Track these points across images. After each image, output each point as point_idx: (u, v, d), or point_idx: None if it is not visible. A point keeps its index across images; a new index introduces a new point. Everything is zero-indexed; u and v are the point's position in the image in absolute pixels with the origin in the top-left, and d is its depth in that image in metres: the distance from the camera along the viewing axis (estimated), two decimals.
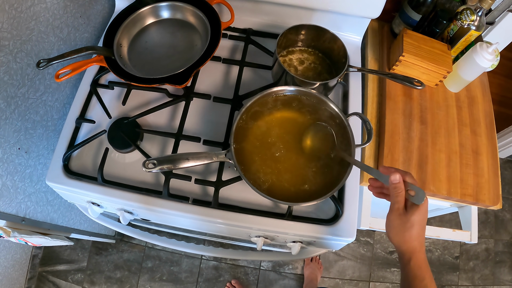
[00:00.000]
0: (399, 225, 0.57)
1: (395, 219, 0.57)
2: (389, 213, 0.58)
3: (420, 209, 0.56)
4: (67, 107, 1.00)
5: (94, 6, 1.00)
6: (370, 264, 1.80)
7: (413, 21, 0.97)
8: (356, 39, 1.02)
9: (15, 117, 0.82)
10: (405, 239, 0.57)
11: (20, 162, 0.88)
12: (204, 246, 1.28)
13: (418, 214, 0.56)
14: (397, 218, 0.57)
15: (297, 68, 0.89)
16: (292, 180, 0.74)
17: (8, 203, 0.86)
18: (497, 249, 1.92)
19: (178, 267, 1.72)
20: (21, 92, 0.82)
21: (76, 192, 0.82)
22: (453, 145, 0.92)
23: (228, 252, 1.10)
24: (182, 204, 0.78)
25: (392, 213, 0.58)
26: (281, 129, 0.77)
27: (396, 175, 0.57)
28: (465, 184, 0.88)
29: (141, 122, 0.86)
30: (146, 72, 0.86)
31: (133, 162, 0.84)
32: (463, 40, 0.93)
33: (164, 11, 0.93)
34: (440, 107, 0.96)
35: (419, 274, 0.56)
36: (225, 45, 0.98)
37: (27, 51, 0.80)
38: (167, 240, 1.04)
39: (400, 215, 0.57)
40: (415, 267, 0.56)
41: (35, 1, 0.79)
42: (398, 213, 0.57)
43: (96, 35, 1.05)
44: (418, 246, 0.57)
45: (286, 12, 0.97)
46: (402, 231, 0.57)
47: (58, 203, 1.10)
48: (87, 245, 1.74)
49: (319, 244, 0.84)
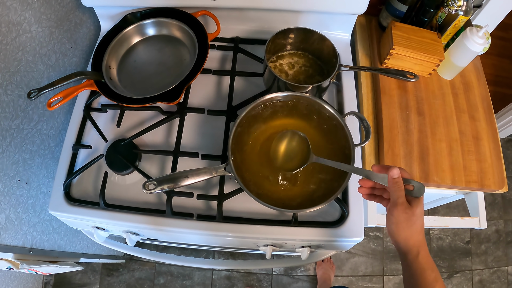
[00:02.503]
0: (405, 220, 0.56)
1: (400, 214, 0.57)
2: (393, 209, 0.58)
3: (421, 202, 0.57)
4: (63, 133, 0.99)
5: (79, 29, 1.00)
6: (382, 258, 1.79)
7: (400, 12, 0.96)
8: (345, 37, 1.01)
9: (12, 149, 0.82)
10: (412, 233, 0.57)
11: (21, 194, 0.87)
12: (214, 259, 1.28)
13: (420, 207, 0.57)
14: (403, 213, 0.56)
15: (288, 73, 0.89)
16: (295, 186, 0.74)
17: (13, 236, 0.86)
18: (508, 229, 1.91)
19: (191, 280, 1.71)
20: (15, 123, 0.82)
21: (79, 218, 0.82)
22: (452, 133, 0.91)
23: (238, 263, 1.10)
24: (186, 221, 0.78)
25: (396, 208, 0.57)
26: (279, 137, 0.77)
27: (394, 170, 0.57)
28: (468, 171, 0.87)
29: (138, 142, 0.86)
30: (138, 91, 0.86)
31: (134, 183, 0.83)
32: (452, 26, 0.93)
33: (149, 29, 0.93)
34: (436, 96, 0.96)
35: (429, 266, 0.56)
36: (214, 56, 0.97)
37: (17, 82, 0.80)
38: (176, 258, 1.04)
39: (406, 209, 0.57)
40: (424, 260, 0.56)
41: (20, 31, 0.78)
42: (403, 208, 0.57)
43: (84, 59, 1.04)
44: (423, 240, 0.58)
45: (272, 17, 0.97)
46: (408, 226, 0.56)
47: (64, 230, 1.10)
48: (97, 268, 1.73)
49: (328, 246, 0.83)
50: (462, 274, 1.79)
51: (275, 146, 0.72)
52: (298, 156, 0.70)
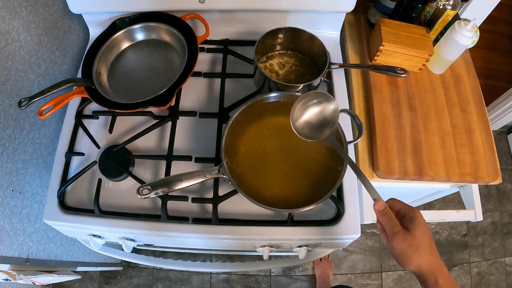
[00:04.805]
0: (408, 246, 0.53)
1: (400, 243, 0.53)
2: (392, 241, 0.55)
3: (417, 222, 0.54)
4: (55, 142, 0.99)
5: (68, 37, 1.00)
6: (380, 254, 1.79)
7: (388, 9, 0.97)
8: (334, 35, 1.01)
9: (4, 159, 0.81)
10: (421, 257, 0.53)
11: (15, 204, 0.87)
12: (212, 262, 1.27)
13: (419, 226, 0.54)
14: (402, 241, 0.53)
15: (278, 73, 0.89)
16: (289, 186, 0.74)
17: (9, 246, 0.85)
18: (504, 220, 1.93)
19: (189, 285, 1.71)
20: (7, 133, 0.81)
21: (75, 227, 0.81)
22: (445, 127, 0.92)
23: (236, 266, 1.10)
24: (182, 225, 0.77)
25: (394, 238, 0.54)
26: (271, 136, 0.77)
27: (378, 203, 0.56)
28: (462, 164, 0.88)
29: (131, 148, 0.86)
30: (129, 97, 0.86)
31: (128, 189, 0.83)
32: (440, 21, 0.94)
33: (138, 33, 0.93)
34: (426, 90, 0.96)
35: None
36: (204, 59, 0.97)
37: (7, 92, 0.79)
38: (174, 262, 1.03)
39: (404, 236, 0.53)
40: (444, 284, 0.52)
41: (9, 40, 0.78)
42: (401, 236, 0.54)
43: (74, 66, 1.04)
44: (438, 260, 0.54)
45: (261, 17, 0.97)
46: (414, 251, 0.53)
47: (60, 239, 1.09)
48: (95, 276, 1.72)
49: (325, 245, 0.83)
50: (460, 267, 1.80)
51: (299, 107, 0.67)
52: (318, 128, 0.67)
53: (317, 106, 0.67)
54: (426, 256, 0.53)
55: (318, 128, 0.67)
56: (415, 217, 0.55)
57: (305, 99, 0.67)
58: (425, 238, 0.53)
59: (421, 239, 0.53)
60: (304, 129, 0.67)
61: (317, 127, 0.67)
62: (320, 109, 0.67)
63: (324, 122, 0.67)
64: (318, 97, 0.67)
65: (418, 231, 0.53)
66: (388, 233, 0.56)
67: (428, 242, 0.54)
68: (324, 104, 0.67)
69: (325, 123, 0.67)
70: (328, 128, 0.67)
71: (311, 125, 0.68)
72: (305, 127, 0.67)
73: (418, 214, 0.55)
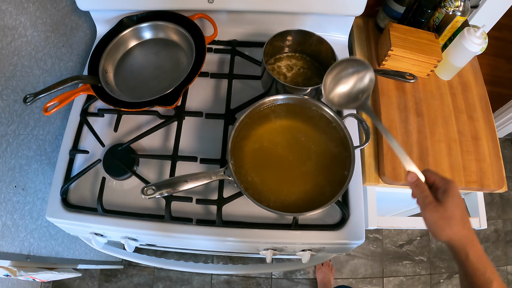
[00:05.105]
0: (439, 219, 0.53)
1: (431, 214, 0.54)
2: (424, 212, 0.55)
3: (450, 194, 0.53)
4: (59, 139, 0.98)
5: (76, 34, 0.99)
6: (382, 259, 1.78)
7: (397, 13, 0.96)
8: (343, 38, 1.01)
9: (8, 155, 0.81)
10: (452, 230, 0.52)
11: (18, 200, 0.86)
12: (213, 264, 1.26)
13: (452, 199, 0.53)
14: (434, 212, 0.53)
15: (286, 75, 0.88)
16: (295, 190, 0.73)
17: (10, 243, 0.85)
18: (506, 228, 1.91)
19: (190, 285, 1.70)
20: (11, 129, 0.81)
21: (77, 225, 0.81)
22: (451, 134, 0.91)
23: (237, 268, 1.09)
24: (186, 226, 0.77)
25: (426, 209, 0.54)
26: (278, 139, 0.76)
27: (410, 174, 0.56)
28: (468, 171, 0.87)
29: (136, 147, 0.85)
30: (135, 96, 0.85)
31: (132, 188, 0.82)
32: (449, 27, 0.93)
33: (146, 32, 0.92)
34: (434, 96, 0.95)
35: (480, 267, 0.52)
36: (212, 59, 0.97)
37: (12, 87, 0.79)
38: (175, 263, 1.03)
39: (436, 207, 0.53)
40: (474, 260, 0.52)
41: (15, 36, 0.78)
42: (432, 207, 0.54)
43: (81, 63, 1.04)
44: (470, 234, 0.53)
45: (269, 19, 0.96)
46: (445, 223, 0.53)
47: (62, 236, 1.09)
48: (95, 274, 1.71)
49: (329, 249, 0.83)
50: None
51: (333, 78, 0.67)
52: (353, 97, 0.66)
53: (352, 75, 0.66)
54: (457, 229, 0.52)
55: (352, 97, 0.66)
56: (448, 189, 0.54)
57: (338, 68, 0.66)
58: (457, 211, 0.53)
59: (453, 211, 0.53)
60: (336, 98, 0.67)
61: (352, 96, 0.66)
62: (355, 79, 0.66)
63: (359, 91, 0.66)
64: (352, 65, 0.65)
65: (450, 203, 0.53)
66: (420, 204, 0.56)
67: (460, 214, 0.53)
68: (361, 73, 0.65)
69: (360, 92, 0.66)
70: (362, 95, 0.65)
71: (345, 94, 0.67)
72: (338, 96, 0.67)
73: (452, 187, 0.55)
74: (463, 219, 0.53)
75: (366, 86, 0.65)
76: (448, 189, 0.54)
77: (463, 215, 0.54)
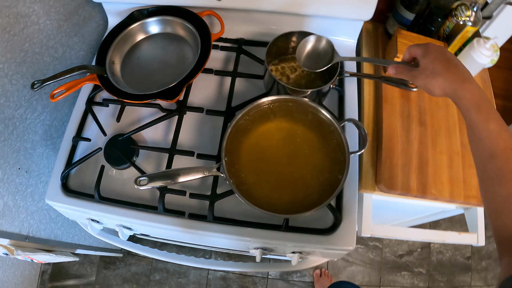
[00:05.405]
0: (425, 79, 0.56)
1: (418, 81, 0.57)
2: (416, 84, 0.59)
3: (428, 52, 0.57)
4: (66, 125, 1.00)
5: (88, 24, 1.01)
6: (380, 268, 1.77)
7: (407, 20, 0.95)
8: (351, 43, 1.00)
9: (14, 138, 0.83)
10: (439, 82, 0.54)
11: (21, 182, 0.89)
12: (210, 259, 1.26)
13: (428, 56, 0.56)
14: (419, 79, 0.57)
15: (289, 76, 0.88)
16: (288, 191, 0.73)
17: (10, 222, 0.87)
18: None
19: (186, 278, 1.72)
20: (19, 113, 0.83)
21: (74, 209, 0.83)
22: (454, 146, 0.89)
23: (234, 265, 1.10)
24: (178, 218, 0.78)
25: (414, 81, 0.59)
26: (273, 139, 0.77)
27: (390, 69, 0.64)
28: (468, 185, 0.86)
29: (136, 138, 0.87)
30: (139, 88, 0.87)
31: (130, 178, 0.84)
32: (459, 37, 0.91)
33: (154, 26, 0.94)
34: (439, 107, 0.94)
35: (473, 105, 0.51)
36: (217, 56, 0.98)
37: (22, 72, 0.81)
38: (171, 255, 1.04)
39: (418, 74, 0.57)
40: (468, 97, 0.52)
41: (28, 23, 0.80)
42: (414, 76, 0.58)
43: (92, 53, 1.06)
44: (458, 77, 0.53)
45: (278, 19, 0.96)
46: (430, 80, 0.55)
47: (62, 220, 1.11)
48: (95, 260, 1.75)
49: (319, 254, 0.83)
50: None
51: (300, 48, 0.80)
52: (322, 58, 0.80)
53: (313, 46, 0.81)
54: (442, 79, 0.54)
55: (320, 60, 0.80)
56: (425, 50, 0.57)
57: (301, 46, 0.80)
58: (435, 64, 0.55)
59: (432, 67, 0.55)
60: (307, 62, 0.80)
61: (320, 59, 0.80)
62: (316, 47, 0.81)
63: (323, 53, 0.80)
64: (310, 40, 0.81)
65: (427, 61, 0.56)
66: (410, 79, 0.60)
67: (440, 65, 0.55)
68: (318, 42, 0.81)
69: (324, 54, 0.80)
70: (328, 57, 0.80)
71: (314, 58, 0.81)
72: (309, 61, 0.80)
73: (427, 46, 0.58)
74: (445, 66, 0.55)
75: (328, 48, 0.80)
76: (424, 50, 0.57)
77: (444, 63, 0.55)
